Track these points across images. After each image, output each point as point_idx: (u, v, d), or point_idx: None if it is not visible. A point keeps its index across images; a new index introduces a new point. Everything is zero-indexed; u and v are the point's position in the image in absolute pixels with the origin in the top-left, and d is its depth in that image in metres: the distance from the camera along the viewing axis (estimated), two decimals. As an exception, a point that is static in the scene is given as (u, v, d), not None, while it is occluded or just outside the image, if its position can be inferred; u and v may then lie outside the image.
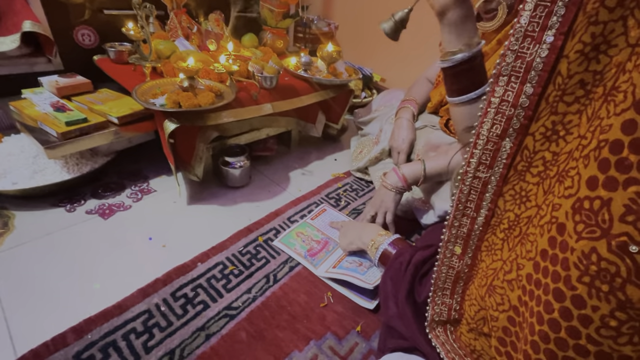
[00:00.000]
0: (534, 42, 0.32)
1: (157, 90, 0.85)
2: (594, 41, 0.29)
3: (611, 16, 0.27)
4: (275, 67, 1.02)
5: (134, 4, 0.86)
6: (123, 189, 1.00)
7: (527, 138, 0.35)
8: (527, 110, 0.34)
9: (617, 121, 0.25)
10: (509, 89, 0.34)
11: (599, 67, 0.29)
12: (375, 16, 1.84)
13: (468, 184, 0.40)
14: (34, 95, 0.95)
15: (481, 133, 0.37)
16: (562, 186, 0.30)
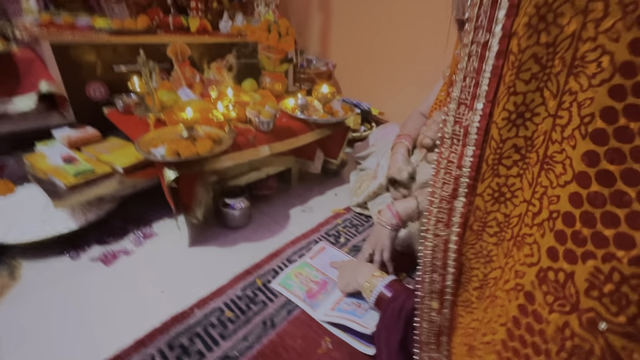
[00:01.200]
0: (468, 109, 0.35)
1: (159, 141, 0.90)
2: (517, 109, 0.31)
3: (528, 87, 0.30)
4: (271, 111, 1.07)
5: (139, 62, 0.94)
6: (126, 234, 1.02)
7: (477, 198, 0.37)
8: (471, 171, 0.36)
9: (564, 193, 0.26)
10: (452, 150, 0.37)
11: (528, 133, 0.32)
12: (370, 54, 1.93)
13: (431, 241, 0.41)
14: (46, 148, 1.01)
15: (435, 192, 0.39)
16: (522, 252, 0.31)
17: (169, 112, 1.05)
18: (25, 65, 1.07)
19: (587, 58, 0.27)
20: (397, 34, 1.77)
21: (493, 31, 0.31)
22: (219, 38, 1.48)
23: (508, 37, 0.30)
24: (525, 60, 0.29)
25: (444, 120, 0.36)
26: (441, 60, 1.30)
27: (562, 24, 0.27)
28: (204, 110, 1.06)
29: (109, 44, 1.17)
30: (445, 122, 0.36)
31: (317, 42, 2.22)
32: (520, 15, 0.29)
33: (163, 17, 1.37)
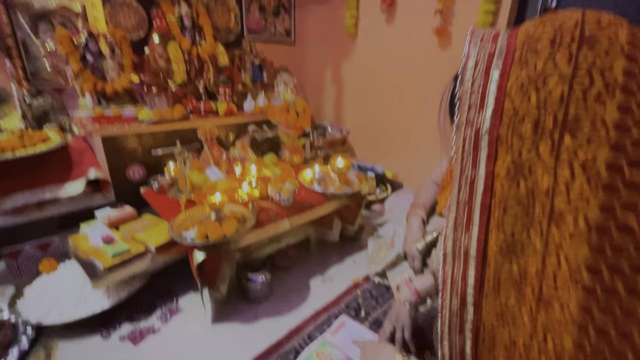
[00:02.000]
0: (466, 232, 0.39)
1: (189, 222, 0.98)
2: (507, 242, 0.36)
3: (514, 228, 0.34)
4: (291, 187, 1.15)
5: (175, 151, 1.07)
6: (154, 310, 1.06)
7: (483, 314, 0.40)
8: (474, 291, 0.39)
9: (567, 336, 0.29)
10: (456, 270, 0.41)
11: (521, 262, 0.35)
12: (382, 120, 2.06)
13: (447, 344, 0.43)
14: (89, 228, 1.12)
15: (444, 305, 0.42)
16: None
17: (199, 191, 1.15)
18: (77, 155, 1.23)
19: (564, 214, 0.31)
20: (405, 105, 1.91)
21: (478, 170, 0.36)
22: (243, 118, 1.64)
23: (492, 178, 0.36)
24: (510, 204, 0.34)
25: (444, 237, 0.40)
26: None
27: (536, 178, 0.33)
28: (229, 189, 1.15)
29: (149, 132, 1.33)
30: (446, 240, 0.40)
31: (331, 110, 2.41)
32: (499, 162, 0.35)
33: (196, 103, 1.56)
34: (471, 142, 0.37)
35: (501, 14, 1.44)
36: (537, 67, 0.34)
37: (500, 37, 0.38)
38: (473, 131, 0.37)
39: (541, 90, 0.33)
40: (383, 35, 1.92)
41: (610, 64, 0.31)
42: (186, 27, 1.59)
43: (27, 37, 1.40)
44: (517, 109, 0.34)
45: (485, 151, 0.36)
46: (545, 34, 0.34)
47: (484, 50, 0.38)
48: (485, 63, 0.37)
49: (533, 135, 0.33)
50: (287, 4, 2.31)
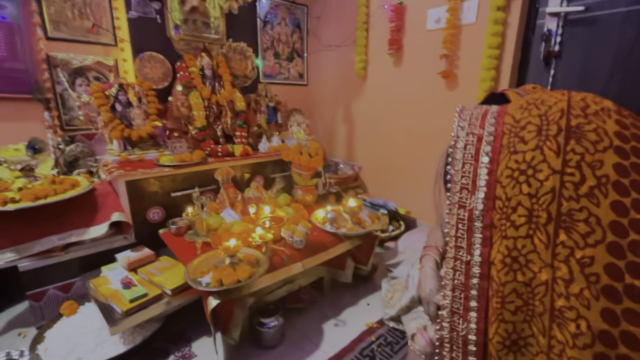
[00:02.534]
0: (462, 320, 0.38)
1: (205, 267, 1.01)
2: (510, 336, 0.34)
3: (516, 317, 0.33)
4: (303, 230, 1.17)
5: (193, 197, 1.12)
6: (167, 356, 1.07)
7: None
8: None
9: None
10: (454, 355, 0.40)
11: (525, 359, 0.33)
12: (394, 157, 2.10)
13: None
14: (109, 271, 1.16)
15: None
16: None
17: (214, 234, 1.19)
18: (102, 198, 1.30)
19: (565, 314, 0.30)
20: (415, 142, 1.95)
21: (473, 254, 0.37)
22: (259, 158, 1.71)
23: (487, 264, 0.36)
24: (507, 293, 0.34)
25: (439, 321, 0.40)
26: None
27: (533, 270, 0.32)
28: (244, 232, 1.18)
29: (169, 175, 1.40)
30: (441, 326, 0.40)
31: (343, 147, 2.47)
32: (495, 249, 0.35)
33: (214, 146, 1.65)
34: (465, 224, 0.37)
35: (505, 58, 1.50)
36: (526, 156, 0.34)
37: (488, 119, 0.39)
38: (466, 213, 0.37)
39: (532, 181, 0.33)
40: (391, 77, 2.00)
41: (600, 159, 0.30)
42: (207, 77, 1.72)
43: (65, 91, 1.54)
44: (509, 196, 0.34)
45: (480, 236, 0.37)
46: (531, 122, 0.35)
47: (472, 133, 0.39)
48: (474, 146, 0.38)
49: (527, 226, 0.33)
50: (300, 50, 2.47)
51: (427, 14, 1.74)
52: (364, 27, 2.06)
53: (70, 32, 1.52)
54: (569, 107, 0.34)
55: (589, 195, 0.30)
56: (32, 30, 1.44)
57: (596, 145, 0.31)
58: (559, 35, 1.40)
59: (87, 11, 1.55)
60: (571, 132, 0.33)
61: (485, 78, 1.50)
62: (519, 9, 1.43)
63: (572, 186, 0.31)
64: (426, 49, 1.78)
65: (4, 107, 1.44)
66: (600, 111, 0.33)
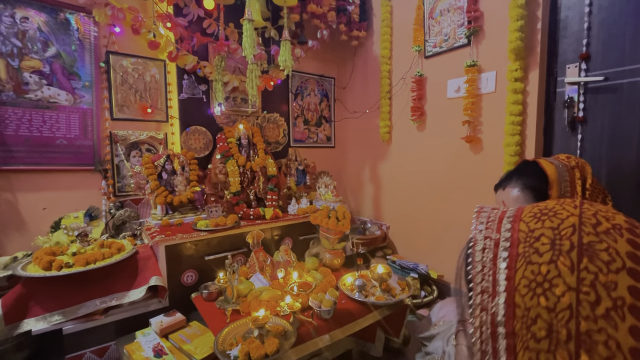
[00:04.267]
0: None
1: (233, 339, 1.02)
2: None
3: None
4: (331, 299, 1.17)
5: (226, 264, 1.17)
6: None
7: None
8: None
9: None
10: None
11: None
12: (423, 218, 2.08)
13: None
14: (143, 337, 1.19)
15: None
16: None
17: (244, 301, 1.21)
18: (143, 262, 1.39)
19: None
20: (443, 205, 1.94)
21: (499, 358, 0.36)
22: (288, 221, 1.78)
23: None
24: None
25: None
26: None
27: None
28: (272, 299, 1.20)
29: (204, 239, 1.49)
30: None
31: (370, 207, 2.49)
32: (519, 358, 0.35)
33: (246, 210, 1.74)
34: (488, 329, 0.37)
35: (528, 124, 1.53)
36: (542, 269, 0.34)
37: (504, 223, 0.40)
38: (489, 317, 0.37)
39: (549, 295, 0.33)
40: (415, 141, 2.08)
41: (614, 280, 0.30)
42: (243, 145, 1.88)
43: (121, 162, 1.76)
44: (528, 307, 0.34)
45: (504, 344, 0.36)
46: (545, 234, 0.36)
47: (489, 237, 0.40)
48: (492, 250, 0.39)
49: (548, 341, 0.32)
50: (328, 116, 2.66)
51: (447, 84, 1.85)
52: (387, 96, 2.22)
53: (131, 112, 1.78)
54: (581, 224, 0.35)
55: (606, 317, 0.30)
56: (101, 114, 1.70)
57: (609, 265, 0.31)
58: (581, 102, 1.42)
59: (147, 95, 1.81)
60: (583, 249, 0.33)
61: (509, 143, 1.53)
62: (536, 80, 1.49)
63: (589, 306, 0.31)
64: (448, 115, 1.86)
65: (71, 177, 1.65)
66: (611, 229, 0.34)
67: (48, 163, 1.57)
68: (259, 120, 2.10)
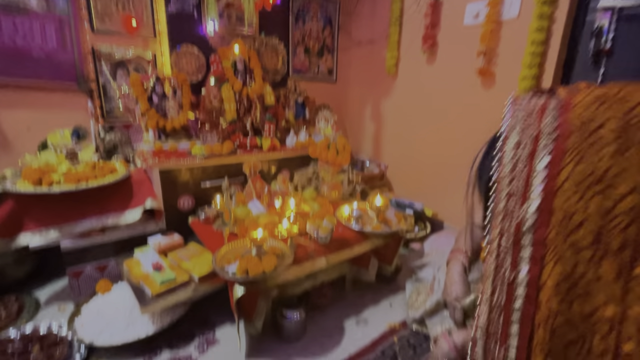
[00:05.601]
0: (499, 345, 0.33)
1: (231, 256, 1.03)
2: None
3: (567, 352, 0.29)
4: (329, 225, 1.17)
5: (223, 187, 1.14)
6: (192, 339, 1.10)
7: None
8: None
9: None
10: None
11: None
12: (422, 158, 2.04)
13: None
14: (141, 254, 1.21)
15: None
16: None
17: (241, 224, 1.21)
18: (137, 185, 1.36)
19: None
20: (446, 143, 1.88)
21: (518, 273, 0.31)
22: (286, 153, 1.72)
23: (536, 287, 0.29)
24: (559, 324, 0.28)
25: (472, 343, 0.35)
26: None
27: (595, 303, 0.26)
28: (270, 224, 1.20)
29: (200, 166, 1.44)
30: (474, 347, 0.35)
31: (370, 146, 2.44)
32: (547, 270, 0.29)
33: (243, 139, 1.67)
34: (510, 238, 0.32)
35: (549, 56, 1.41)
36: (600, 165, 0.27)
37: (548, 114, 0.32)
38: (513, 225, 0.31)
39: (607, 195, 0.27)
40: (424, 75, 1.95)
41: None
42: (239, 70, 1.74)
43: (107, 81, 1.62)
44: (571, 211, 0.28)
45: (529, 252, 0.31)
46: (610, 121, 0.28)
47: (526, 130, 0.33)
48: (529, 147, 0.32)
49: (592, 251, 0.27)
50: (331, 45, 2.45)
51: (465, 9, 1.67)
52: (397, 22, 2.02)
53: (114, 25, 1.60)
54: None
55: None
56: (80, 25, 1.52)
57: None
58: (611, 32, 1.30)
59: (130, 6, 1.61)
60: None
61: (526, 76, 1.43)
62: (567, 4, 1.34)
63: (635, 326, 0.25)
64: (462, 45, 1.71)
65: (54, 96, 1.54)
66: None
67: (26, 76, 1.45)
68: (256, 44, 1.93)
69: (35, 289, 1.34)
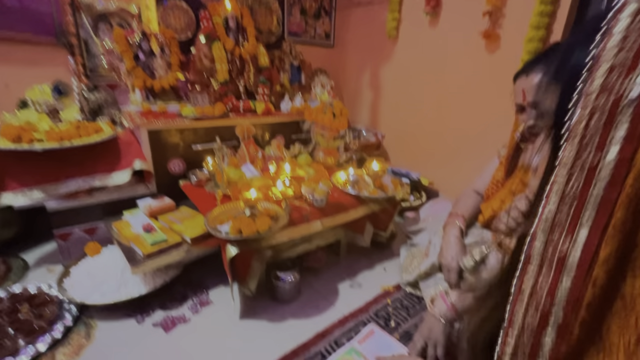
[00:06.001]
0: (566, 236, 0.29)
1: (224, 217, 1.00)
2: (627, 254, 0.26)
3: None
4: (324, 189, 1.14)
5: (215, 147, 1.09)
6: (185, 300, 1.09)
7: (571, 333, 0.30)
8: (566, 305, 0.30)
9: None
10: (542, 279, 0.31)
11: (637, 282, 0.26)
12: (419, 126, 2.00)
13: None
14: (131, 216, 1.17)
15: (514, 320, 0.34)
16: None
17: (234, 187, 1.18)
18: (125, 146, 1.30)
19: None
20: (446, 110, 1.84)
21: (606, 154, 0.27)
22: (280, 118, 1.66)
23: (627, 166, 0.25)
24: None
25: (531, 236, 0.31)
26: (494, 135, 1.30)
27: None
28: (264, 187, 1.16)
29: (191, 128, 1.38)
30: (534, 241, 0.31)
31: (367, 114, 2.37)
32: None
33: (235, 102, 1.60)
34: (603, 115, 0.27)
35: (558, 16, 1.34)
36: None
37: None
38: (610, 101, 0.27)
39: None
40: (426, 38, 1.86)
41: None
42: (231, 29, 1.64)
43: (89, 36, 1.52)
44: None
45: (624, 129, 0.27)
46: None
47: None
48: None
49: None
50: (328, 6, 2.32)
51: (472, -35, 1.57)
52: (399, -19, 1.90)
53: (93, -27, 1.47)
54: None
55: None
56: (55, -31, 1.39)
57: None
58: (626, -10, 1.23)
59: (110, -49, 1.47)
60: None
61: (533, 38, 1.36)
62: (582, -42, 1.26)
63: None
64: (467, 6, 1.62)
65: (32, 50, 1.43)
66: None
67: None
68: (250, 0, 1.80)
69: (24, 251, 1.31)
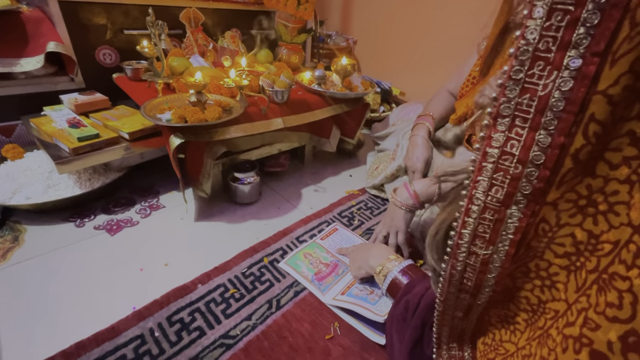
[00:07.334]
0: (550, 68, 0.22)
1: (166, 105, 0.85)
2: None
3: None
4: (286, 81, 1.00)
5: (147, 22, 0.88)
6: (133, 205, 0.99)
7: (544, 208, 0.25)
8: (543, 169, 0.24)
9: None
10: (512, 136, 0.24)
11: None
12: (394, 31, 1.81)
13: (462, 260, 0.30)
14: (53, 112, 0.98)
15: (475, 196, 0.27)
16: (603, 298, 0.22)
17: (179, 78, 1.00)
18: (33, 26, 1.03)
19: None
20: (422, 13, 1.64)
21: None
22: (235, 5, 1.39)
23: None
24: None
25: (501, 86, 0.24)
26: (471, 41, 1.19)
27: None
28: (215, 77, 0.99)
29: (119, 4, 1.11)
30: (504, 90, 0.24)
31: (337, 17, 2.11)
32: None
33: (177, -20, 1.30)
34: None
35: None
36: None
37: None
38: None
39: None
40: None
41: None
42: None
43: None
44: None
45: None
46: None
47: None
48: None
49: None
50: None
51: None
52: None
53: None
54: None
55: None
56: None
57: None
58: None
59: None
60: None
61: None
62: None
63: None
64: None
65: None
66: None
67: None
68: None
69: None
